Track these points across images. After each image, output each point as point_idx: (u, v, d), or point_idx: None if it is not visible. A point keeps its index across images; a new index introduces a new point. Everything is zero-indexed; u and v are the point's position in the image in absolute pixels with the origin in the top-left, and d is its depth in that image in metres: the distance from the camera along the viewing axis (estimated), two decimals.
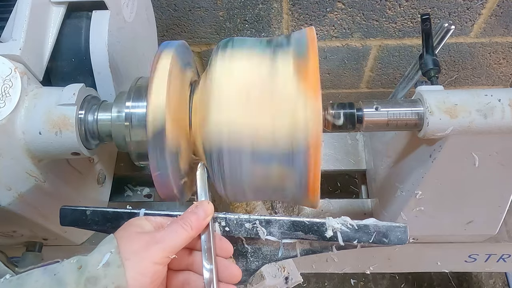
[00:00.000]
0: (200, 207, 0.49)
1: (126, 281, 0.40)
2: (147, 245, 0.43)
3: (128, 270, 0.41)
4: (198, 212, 0.48)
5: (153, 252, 0.43)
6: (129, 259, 0.42)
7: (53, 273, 0.41)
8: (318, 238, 0.51)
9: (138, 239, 0.44)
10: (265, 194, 0.56)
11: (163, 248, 0.44)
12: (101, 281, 0.40)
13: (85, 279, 0.40)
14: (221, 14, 1.08)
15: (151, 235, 0.45)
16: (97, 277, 0.40)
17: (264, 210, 0.86)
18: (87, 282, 0.40)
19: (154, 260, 0.43)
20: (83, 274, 0.40)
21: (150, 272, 0.42)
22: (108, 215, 0.53)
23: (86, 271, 0.41)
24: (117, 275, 0.40)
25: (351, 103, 0.58)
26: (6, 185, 0.57)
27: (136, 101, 0.55)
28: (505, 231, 0.88)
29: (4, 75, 0.56)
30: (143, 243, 0.44)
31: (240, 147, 0.49)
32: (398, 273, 1.51)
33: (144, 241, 0.44)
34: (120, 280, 0.40)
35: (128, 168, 0.98)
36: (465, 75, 1.26)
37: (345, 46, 1.16)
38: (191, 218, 0.47)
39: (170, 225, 0.47)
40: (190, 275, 0.49)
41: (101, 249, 0.43)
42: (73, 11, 0.68)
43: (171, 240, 0.45)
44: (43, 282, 0.40)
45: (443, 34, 0.74)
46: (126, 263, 0.41)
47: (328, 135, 1.04)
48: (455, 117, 0.58)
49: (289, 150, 0.49)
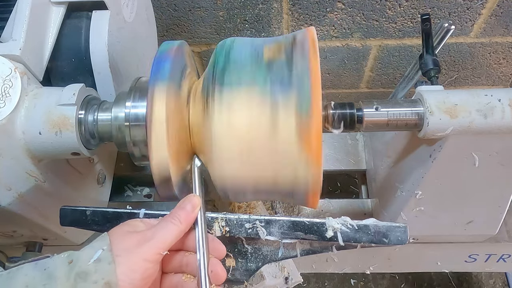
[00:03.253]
0: (186, 201, 0.49)
1: (116, 277, 0.41)
2: (138, 242, 0.44)
3: (119, 266, 0.41)
4: (186, 206, 0.49)
5: (144, 249, 0.43)
6: (120, 255, 0.42)
7: (43, 268, 0.41)
8: (318, 238, 0.51)
9: (130, 237, 0.44)
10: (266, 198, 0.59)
11: (153, 245, 0.44)
12: (91, 277, 0.40)
13: (75, 273, 0.40)
14: (221, 14, 1.08)
15: (142, 233, 0.45)
16: (87, 272, 0.40)
17: (264, 210, 0.86)
18: (77, 277, 0.40)
19: (145, 257, 0.43)
20: (73, 269, 0.41)
21: (141, 269, 0.43)
22: (108, 215, 0.53)
23: (77, 266, 0.41)
24: (108, 271, 0.41)
25: (351, 103, 0.58)
26: (6, 185, 0.57)
27: (136, 101, 0.55)
28: (505, 231, 0.88)
29: (4, 75, 0.56)
30: (135, 241, 0.44)
31: (243, 189, 0.54)
32: (398, 273, 1.51)
33: (136, 239, 0.44)
34: (111, 276, 0.40)
35: (128, 168, 0.98)
36: (465, 75, 1.26)
37: (345, 46, 1.16)
38: (179, 212, 0.48)
39: (159, 223, 0.47)
40: (183, 278, 0.49)
41: (93, 245, 0.43)
42: (73, 11, 0.68)
43: (161, 237, 0.45)
44: (33, 276, 0.40)
45: (443, 34, 0.74)
46: (117, 259, 0.42)
47: (328, 135, 1.04)
48: (455, 117, 0.58)
49: (290, 192, 0.53)
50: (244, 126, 0.49)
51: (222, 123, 0.49)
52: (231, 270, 0.54)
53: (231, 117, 0.49)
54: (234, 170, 0.51)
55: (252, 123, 0.49)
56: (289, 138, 0.48)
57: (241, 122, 0.49)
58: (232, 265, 0.54)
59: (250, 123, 0.49)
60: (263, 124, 0.49)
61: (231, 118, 0.49)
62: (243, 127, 0.49)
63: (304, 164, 0.49)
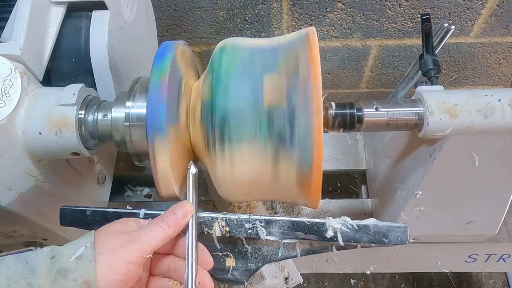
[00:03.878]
0: (179, 207, 0.49)
1: (96, 276, 0.40)
2: (123, 243, 0.43)
3: (99, 265, 0.41)
4: (177, 211, 0.48)
5: (127, 250, 0.43)
6: (103, 254, 0.42)
7: (25, 261, 0.41)
8: (318, 238, 0.51)
9: (116, 237, 0.44)
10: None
11: (138, 247, 0.43)
12: (71, 274, 0.40)
13: (56, 270, 0.40)
14: (221, 14, 1.08)
15: (129, 234, 0.45)
16: (67, 269, 0.40)
17: (264, 210, 0.86)
18: (58, 274, 0.40)
19: (127, 259, 0.43)
20: (54, 265, 0.40)
21: (122, 271, 0.42)
22: (108, 215, 0.53)
23: (58, 262, 0.41)
24: (88, 269, 0.40)
25: (351, 103, 0.58)
26: (6, 185, 0.57)
27: (136, 101, 0.55)
28: (505, 231, 0.88)
29: (4, 75, 0.56)
30: (120, 241, 0.44)
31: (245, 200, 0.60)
32: (398, 273, 1.51)
33: (121, 239, 0.44)
34: (90, 275, 0.40)
35: (128, 168, 0.98)
36: (465, 75, 1.26)
37: (345, 46, 1.16)
38: (169, 217, 0.48)
39: (148, 225, 0.47)
40: (169, 283, 0.49)
41: (77, 242, 0.43)
42: (73, 11, 0.67)
43: (146, 239, 0.45)
44: (15, 269, 0.40)
45: (443, 34, 0.74)
46: (98, 258, 0.41)
47: (328, 135, 1.03)
48: (455, 117, 0.58)
49: (291, 202, 0.59)
50: (246, 179, 0.52)
51: (225, 176, 0.52)
52: (231, 270, 0.54)
53: (233, 172, 0.51)
54: (237, 199, 0.59)
55: (253, 176, 0.51)
56: (290, 186, 0.51)
57: (243, 176, 0.51)
58: (232, 265, 0.54)
59: (252, 176, 0.51)
60: (264, 176, 0.51)
61: (234, 173, 0.51)
62: (246, 180, 0.52)
63: (304, 201, 0.53)
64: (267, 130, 0.48)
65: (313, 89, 0.47)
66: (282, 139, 0.48)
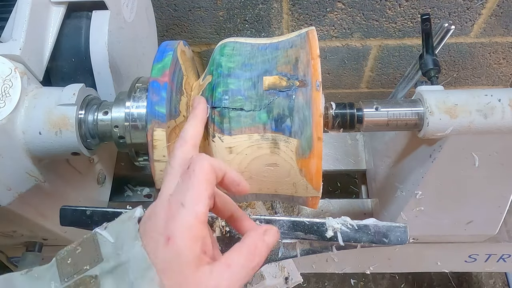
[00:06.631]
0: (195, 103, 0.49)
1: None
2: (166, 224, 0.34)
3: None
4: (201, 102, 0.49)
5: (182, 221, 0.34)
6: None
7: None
8: (318, 238, 0.51)
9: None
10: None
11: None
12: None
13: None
14: (221, 14, 1.08)
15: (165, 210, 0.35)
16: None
17: (264, 210, 0.86)
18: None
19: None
20: None
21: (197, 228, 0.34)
22: (108, 215, 0.53)
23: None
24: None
25: (351, 103, 0.58)
26: (6, 185, 0.57)
27: (136, 101, 0.55)
28: (505, 231, 0.88)
29: (4, 75, 0.56)
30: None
31: (244, 196, 0.56)
32: (398, 273, 1.51)
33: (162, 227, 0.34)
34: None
35: (128, 168, 0.98)
36: (465, 75, 1.26)
37: (345, 46, 1.16)
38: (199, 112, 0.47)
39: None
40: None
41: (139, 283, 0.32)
42: (73, 11, 0.67)
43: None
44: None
45: (443, 34, 0.74)
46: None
47: (328, 134, 1.03)
48: (455, 117, 0.58)
49: (289, 198, 0.56)
50: (245, 170, 0.51)
51: (223, 160, 0.51)
52: None
53: (232, 162, 0.51)
54: None
55: (252, 166, 0.51)
56: (290, 172, 0.50)
57: (242, 162, 0.51)
58: None
59: (250, 166, 0.51)
60: (263, 166, 0.51)
61: (232, 163, 0.51)
62: (244, 170, 0.51)
63: (304, 189, 0.52)
64: (266, 122, 0.49)
65: (313, 88, 0.48)
66: (282, 130, 0.49)
